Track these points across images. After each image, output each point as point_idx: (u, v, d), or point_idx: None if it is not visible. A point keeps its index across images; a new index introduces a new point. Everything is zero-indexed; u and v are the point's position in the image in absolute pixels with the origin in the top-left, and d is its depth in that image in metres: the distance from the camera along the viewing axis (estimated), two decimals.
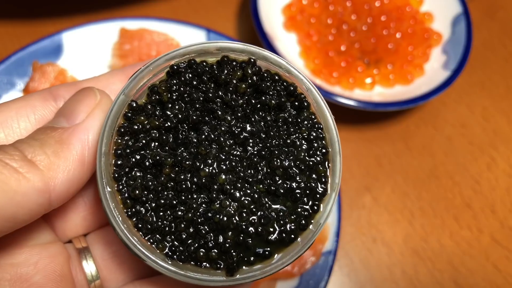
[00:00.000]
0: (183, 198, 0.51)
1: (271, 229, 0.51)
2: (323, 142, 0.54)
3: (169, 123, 0.51)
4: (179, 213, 0.51)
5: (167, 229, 0.51)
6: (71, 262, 0.57)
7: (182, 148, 0.52)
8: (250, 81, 0.53)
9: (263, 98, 0.53)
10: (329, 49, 1.13)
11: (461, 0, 1.15)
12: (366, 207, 1.06)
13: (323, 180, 0.53)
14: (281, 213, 0.52)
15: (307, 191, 0.52)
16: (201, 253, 0.50)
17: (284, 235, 0.51)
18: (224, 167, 0.51)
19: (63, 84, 0.58)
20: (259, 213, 0.51)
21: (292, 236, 0.52)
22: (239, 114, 0.53)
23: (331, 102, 1.02)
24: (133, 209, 0.51)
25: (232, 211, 0.51)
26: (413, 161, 1.12)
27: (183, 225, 0.50)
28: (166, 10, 1.22)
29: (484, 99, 1.21)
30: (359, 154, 1.12)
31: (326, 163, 0.53)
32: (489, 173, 1.11)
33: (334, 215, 0.93)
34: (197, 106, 0.52)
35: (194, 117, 0.52)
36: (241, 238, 0.51)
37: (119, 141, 0.51)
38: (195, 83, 0.53)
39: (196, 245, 0.51)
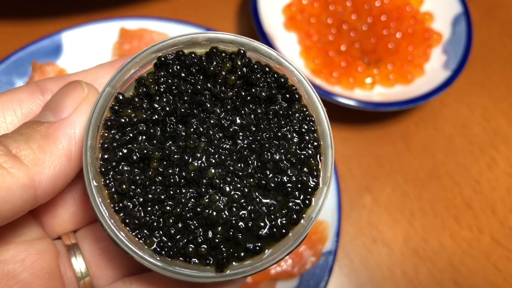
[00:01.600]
0: (172, 192, 0.49)
1: (262, 224, 0.49)
2: (315, 135, 0.51)
3: (156, 116, 0.49)
4: (167, 208, 0.49)
5: (155, 224, 0.49)
6: (60, 259, 0.56)
7: (170, 142, 0.50)
8: (239, 72, 0.51)
9: (253, 90, 0.51)
10: (329, 49, 1.12)
11: (461, 0, 1.14)
12: (366, 207, 1.04)
13: (315, 173, 0.51)
14: (272, 208, 0.50)
15: (299, 185, 0.50)
16: (190, 249, 0.48)
17: (275, 230, 0.49)
18: (213, 161, 0.49)
19: (51, 78, 0.56)
20: (249, 208, 0.49)
21: (283, 231, 0.49)
22: (229, 107, 0.51)
23: (331, 102, 1.01)
24: (120, 204, 0.49)
25: (222, 206, 0.49)
26: (413, 161, 1.10)
27: (171, 220, 0.48)
28: (166, 9, 1.21)
29: (484, 99, 1.19)
30: (359, 154, 1.10)
31: (318, 156, 0.51)
32: (490, 173, 1.10)
33: (334, 215, 0.91)
34: (186, 98, 0.50)
35: (182, 110, 0.49)
36: (231, 233, 0.48)
37: (106, 134, 0.49)
38: (183, 75, 0.50)
39: (185, 240, 0.48)
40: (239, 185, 0.50)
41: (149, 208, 0.49)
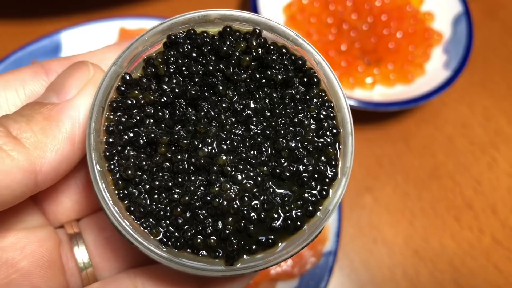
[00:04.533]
0: (180, 180, 0.45)
1: (275, 215, 0.45)
2: (334, 121, 0.47)
3: (165, 98, 0.45)
4: (175, 196, 0.45)
5: (161, 213, 0.45)
6: (62, 248, 0.52)
7: (179, 126, 0.46)
8: (254, 53, 0.47)
9: (269, 72, 0.46)
10: (330, 48, 1.10)
11: (462, 0, 1.12)
12: (367, 207, 1.02)
13: (333, 163, 0.47)
14: (286, 198, 0.46)
15: (315, 175, 0.46)
16: (199, 240, 0.44)
17: (289, 222, 0.45)
18: (224, 147, 0.45)
19: (56, 58, 0.53)
20: (262, 198, 0.45)
21: (298, 223, 0.45)
22: (242, 90, 0.46)
23: None
24: (125, 191, 0.44)
25: (233, 195, 0.45)
26: (413, 161, 1.08)
27: (179, 209, 0.44)
28: (166, 9, 1.18)
29: (485, 99, 1.18)
30: (360, 154, 1.08)
31: (337, 144, 0.47)
32: (490, 173, 1.08)
33: (334, 215, 0.90)
34: (196, 80, 0.46)
35: (193, 92, 0.45)
36: (242, 224, 0.44)
37: (111, 117, 0.45)
38: (194, 55, 0.46)
39: (193, 231, 0.44)
40: (251, 174, 0.45)
41: (156, 196, 0.45)
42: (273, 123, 0.46)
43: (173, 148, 0.45)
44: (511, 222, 1.03)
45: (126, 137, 0.45)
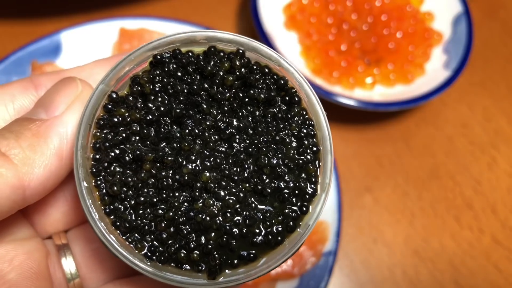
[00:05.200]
0: (164, 196, 0.46)
1: (257, 231, 0.46)
2: (314, 139, 0.48)
3: (151, 116, 0.46)
4: (160, 211, 0.46)
5: (146, 228, 0.46)
6: (49, 259, 0.53)
7: (164, 143, 0.47)
8: (238, 73, 0.47)
9: (252, 91, 0.47)
10: (330, 48, 1.09)
11: (461, 0, 1.11)
12: (367, 207, 1.02)
13: (313, 180, 0.47)
14: (268, 214, 0.46)
15: (296, 191, 0.47)
16: (182, 254, 0.45)
17: (270, 237, 0.46)
18: (208, 164, 0.46)
19: (45, 73, 0.53)
20: (244, 214, 0.46)
21: (279, 238, 0.46)
22: (226, 108, 0.47)
23: (332, 102, 0.99)
24: (111, 206, 0.46)
25: (216, 211, 0.46)
26: (413, 161, 1.08)
27: (163, 225, 0.45)
28: (166, 9, 1.18)
29: (485, 99, 1.17)
30: (360, 154, 1.08)
31: (317, 162, 0.48)
32: (490, 173, 1.08)
33: (334, 215, 0.90)
34: (181, 98, 0.47)
35: (178, 111, 0.46)
36: (224, 239, 0.45)
37: (98, 134, 0.46)
38: (179, 74, 0.47)
39: (177, 245, 0.45)
40: (234, 190, 0.46)
41: (141, 211, 0.46)
42: (256, 141, 0.47)
43: (158, 164, 0.46)
44: (511, 222, 1.02)
45: (113, 154, 0.46)
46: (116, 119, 0.46)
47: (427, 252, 0.98)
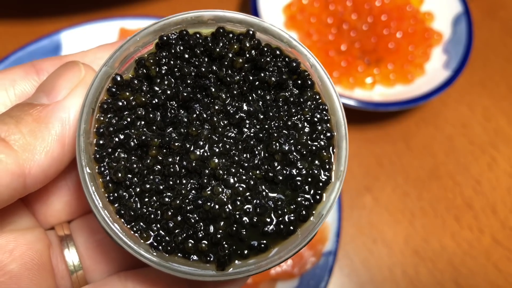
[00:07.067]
0: (171, 183, 0.43)
1: (268, 220, 0.43)
2: (328, 125, 0.45)
3: (156, 100, 0.43)
4: (166, 199, 0.43)
5: (152, 216, 0.43)
6: (52, 250, 0.50)
7: (171, 128, 0.44)
8: (248, 55, 0.45)
9: (262, 75, 0.45)
10: (330, 48, 1.08)
11: (461, 0, 1.11)
12: (367, 207, 1.01)
13: (327, 167, 0.45)
14: (279, 203, 0.44)
15: (309, 179, 0.44)
16: (190, 244, 0.42)
17: (282, 226, 0.43)
18: (217, 150, 0.43)
19: (47, 58, 0.51)
20: (254, 202, 0.43)
21: (291, 228, 0.43)
22: (235, 92, 0.45)
23: None
24: (115, 194, 0.43)
25: (225, 199, 0.43)
26: (413, 161, 1.07)
27: (170, 213, 0.42)
28: (166, 9, 1.17)
29: (485, 99, 1.16)
30: (360, 154, 1.07)
31: (331, 148, 0.45)
32: (490, 173, 1.07)
33: (334, 215, 0.88)
34: (189, 82, 0.44)
35: (185, 94, 0.44)
36: (234, 228, 0.43)
37: (102, 118, 0.43)
38: (186, 56, 0.44)
39: (184, 235, 0.43)
40: (244, 177, 0.44)
41: (146, 199, 0.43)
42: (266, 126, 0.45)
43: (165, 150, 0.44)
44: (511, 222, 1.01)
45: (117, 139, 0.43)
46: (120, 103, 0.43)
47: (427, 252, 0.97)
